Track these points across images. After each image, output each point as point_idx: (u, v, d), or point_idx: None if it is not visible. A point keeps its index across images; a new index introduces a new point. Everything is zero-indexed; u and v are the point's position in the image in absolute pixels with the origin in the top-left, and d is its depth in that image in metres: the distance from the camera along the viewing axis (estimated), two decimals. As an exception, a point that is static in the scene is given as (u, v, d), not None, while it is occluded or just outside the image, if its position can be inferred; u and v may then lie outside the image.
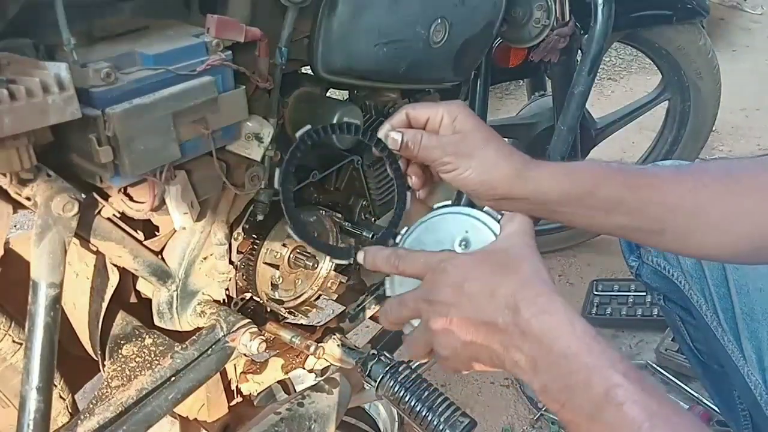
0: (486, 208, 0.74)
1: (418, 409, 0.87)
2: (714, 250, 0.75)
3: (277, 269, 1.01)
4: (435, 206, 0.78)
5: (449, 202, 0.78)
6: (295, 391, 1.14)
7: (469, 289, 0.64)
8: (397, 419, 1.33)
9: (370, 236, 1.09)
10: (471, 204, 0.77)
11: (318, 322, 1.15)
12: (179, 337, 0.93)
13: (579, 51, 1.37)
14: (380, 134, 0.80)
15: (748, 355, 0.93)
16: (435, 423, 0.85)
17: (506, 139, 1.90)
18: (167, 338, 0.92)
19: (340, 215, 1.08)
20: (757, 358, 0.92)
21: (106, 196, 0.78)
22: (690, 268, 1.03)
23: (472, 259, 0.67)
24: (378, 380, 0.91)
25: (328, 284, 1.09)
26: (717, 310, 0.98)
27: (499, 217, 0.73)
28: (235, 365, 1.07)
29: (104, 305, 0.89)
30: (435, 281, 0.67)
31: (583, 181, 0.73)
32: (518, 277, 0.63)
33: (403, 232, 0.79)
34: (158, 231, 0.89)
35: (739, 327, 0.94)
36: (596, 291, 1.93)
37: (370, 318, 1.23)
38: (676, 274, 1.05)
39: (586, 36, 1.23)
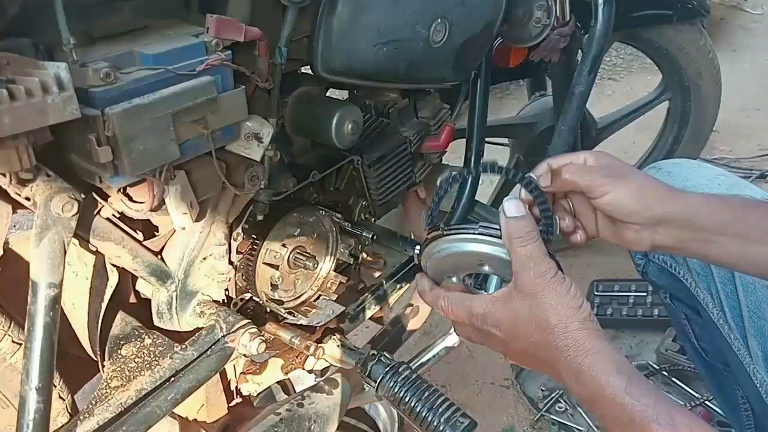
0: (480, 230, 0.74)
1: (418, 409, 0.87)
2: None
3: (277, 269, 1.01)
4: (441, 228, 0.77)
5: (441, 229, 0.77)
6: (295, 392, 1.14)
7: (517, 350, 0.72)
8: (397, 420, 1.33)
9: (370, 236, 1.09)
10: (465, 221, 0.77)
11: (318, 323, 1.15)
12: (179, 337, 0.93)
13: (579, 51, 1.37)
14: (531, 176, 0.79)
15: (755, 353, 0.93)
16: (435, 423, 0.85)
17: (506, 139, 1.93)
18: (167, 339, 0.92)
19: (339, 215, 1.08)
20: (764, 356, 0.92)
21: (105, 196, 0.78)
22: (697, 266, 1.02)
23: (508, 319, 0.71)
24: (378, 381, 0.91)
25: (328, 284, 1.09)
26: (724, 308, 0.98)
27: (499, 234, 0.72)
28: (234, 366, 1.07)
29: (103, 305, 0.89)
30: (485, 334, 0.73)
31: (734, 207, 0.76)
32: (550, 349, 0.68)
33: (417, 251, 0.80)
34: (158, 231, 0.89)
35: (746, 325, 0.94)
36: (597, 291, 1.93)
37: (370, 318, 1.23)
38: (682, 271, 1.05)
39: (586, 36, 1.22)
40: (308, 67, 0.93)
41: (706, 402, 1.59)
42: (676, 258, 1.06)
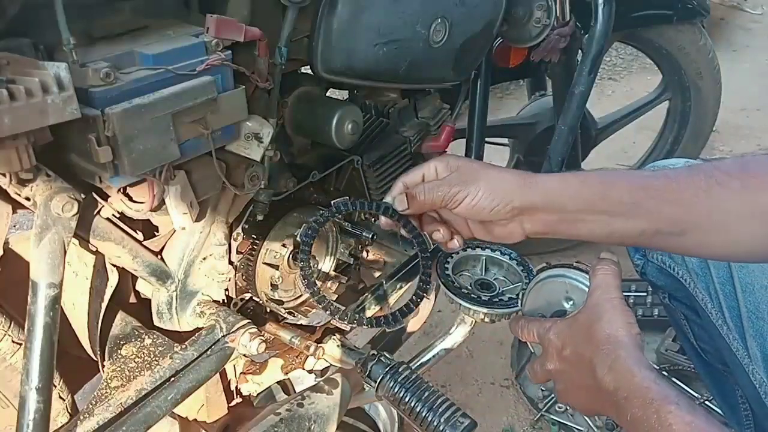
0: (575, 264, 0.85)
1: (418, 409, 0.86)
2: (736, 249, 0.78)
3: (277, 269, 1.01)
4: (535, 272, 0.90)
5: (545, 265, 0.89)
6: (295, 392, 1.14)
7: (566, 356, 0.77)
8: (397, 420, 1.33)
9: (370, 236, 1.09)
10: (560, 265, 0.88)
11: (318, 323, 1.14)
12: (179, 337, 0.93)
13: (579, 51, 1.37)
14: (387, 201, 0.83)
15: (753, 353, 0.93)
16: (435, 423, 0.85)
17: (507, 139, 1.93)
18: (167, 339, 0.92)
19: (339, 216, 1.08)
20: (762, 356, 0.92)
21: (105, 196, 0.78)
22: (695, 266, 1.02)
23: (567, 326, 0.78)
24: (378, 381, 0.91)
25: (328, 284, 1.09)
26: (723, 309, 0.98)
27: (588, 269, 0.82)
28: (234, 366, 1.07)
29: (103, 305, 0.89)
30: (546, 348, 0.80)
31: (593, 185, 0.77)
32: (593, 343, 0.73)
33: (517, 297, 0.93)
34: (158, 231, 0.89)
35: (745, 325, 0.94)
36: (596, 291, 1.93)
37: (370, 318, 1.23)
38: (681, 272, 1.05)
39: (586, 36, 1.23)
40: (308, 67, 0.93)
41: (706, 402, 1.59)
42: (674, 258, 1.06)
